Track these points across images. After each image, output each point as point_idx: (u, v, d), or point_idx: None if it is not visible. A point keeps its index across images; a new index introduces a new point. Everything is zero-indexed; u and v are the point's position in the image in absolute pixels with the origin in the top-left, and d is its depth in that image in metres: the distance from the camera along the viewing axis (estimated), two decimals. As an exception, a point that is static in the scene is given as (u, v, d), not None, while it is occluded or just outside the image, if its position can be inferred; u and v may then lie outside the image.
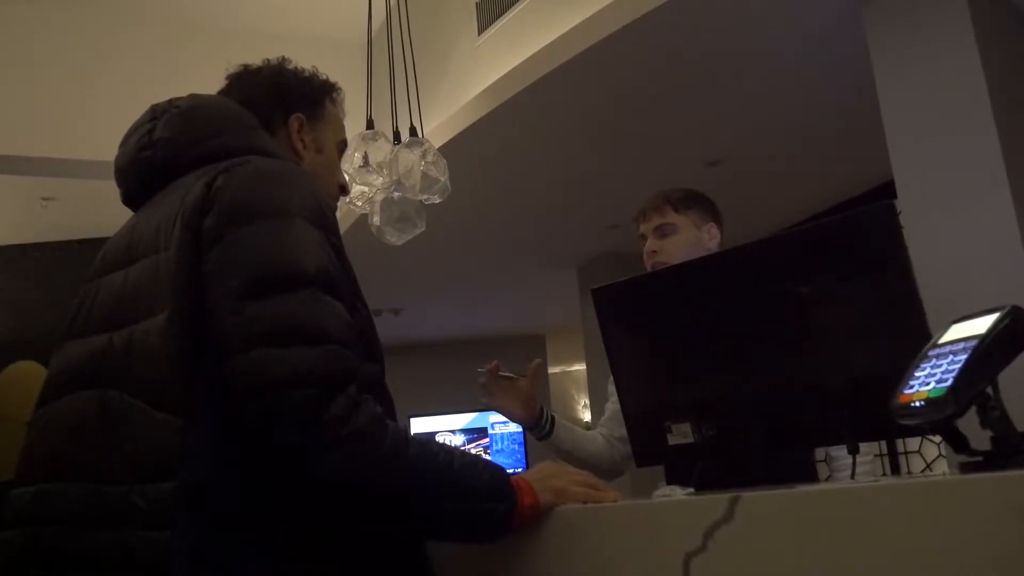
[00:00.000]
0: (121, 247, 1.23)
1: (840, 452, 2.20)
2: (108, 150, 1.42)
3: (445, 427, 9.50)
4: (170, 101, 1.30)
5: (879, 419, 1.38)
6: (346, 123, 1.50)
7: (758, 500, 0.96)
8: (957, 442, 0.99)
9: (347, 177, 3.01)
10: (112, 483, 1.06)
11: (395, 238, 3.34)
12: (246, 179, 1.13)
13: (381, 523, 1.07)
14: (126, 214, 1.33)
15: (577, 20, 4.01)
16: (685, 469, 1.75)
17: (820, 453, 2.20)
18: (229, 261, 1.07)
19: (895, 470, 5.29)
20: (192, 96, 1.31)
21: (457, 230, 5.85)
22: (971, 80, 2.94)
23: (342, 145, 1.47)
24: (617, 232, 6.19)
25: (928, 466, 5.08)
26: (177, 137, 1.25)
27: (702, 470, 1.62)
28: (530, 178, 5.35)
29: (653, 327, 1.66)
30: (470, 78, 4.77)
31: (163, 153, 1.25)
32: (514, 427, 9.85)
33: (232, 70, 1.42)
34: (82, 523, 1.08)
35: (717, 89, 4.33)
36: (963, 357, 0.95)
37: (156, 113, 1.29)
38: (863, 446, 2.06)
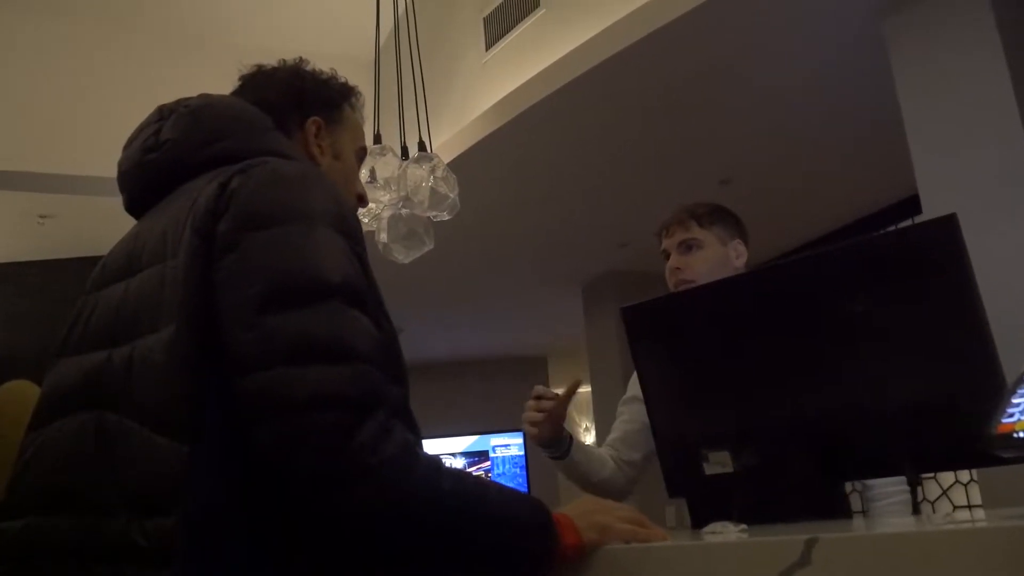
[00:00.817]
0: (122, 257, 1.12)
1: (874, 480, 2.09)
2: (107, 166, 1.33)
3: (446, 450, 9.36)
4: (179, 101, 1.20)
5: (944, 448, 1.30)
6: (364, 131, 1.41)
7: (838, 542, 0.85)
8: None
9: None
10: (109, 516, 0.95)
11: (403, 256, 3.24)
12: (264, 181, 1.03)
13: (409, 564, 0.95)
14: (125, 230, 1.22)
15: (587, 36, 3.94)
16: (711, 500, 1.64)
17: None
18: (245, 269, 0.96)
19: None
20: (203, 96, 1.21)
21: (460, 248, 5.75)
22: (999, 92, 2.86)
23: (361, 153, 1.37)
24: (625, 251, 6.10)
25: (944, 493, 4.96)
26: (186, 138, 1.15)
27: (728, 502, 1.51)
28: (537, 196, 5.26)
29: (689, 349, 1.56)
30: (477, 94, 4.70)
31: (170, 155, 1.15)
32: (516, 450, 9.73)
33: (245, 70, 1.33)
34: (75, 561, 0.97)
35: (730, 106, 4.25)
36: (1070, 382, 0.85)
37: (163, 113, 1.19)
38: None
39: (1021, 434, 0.84)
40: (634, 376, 2.17)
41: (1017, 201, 2.81)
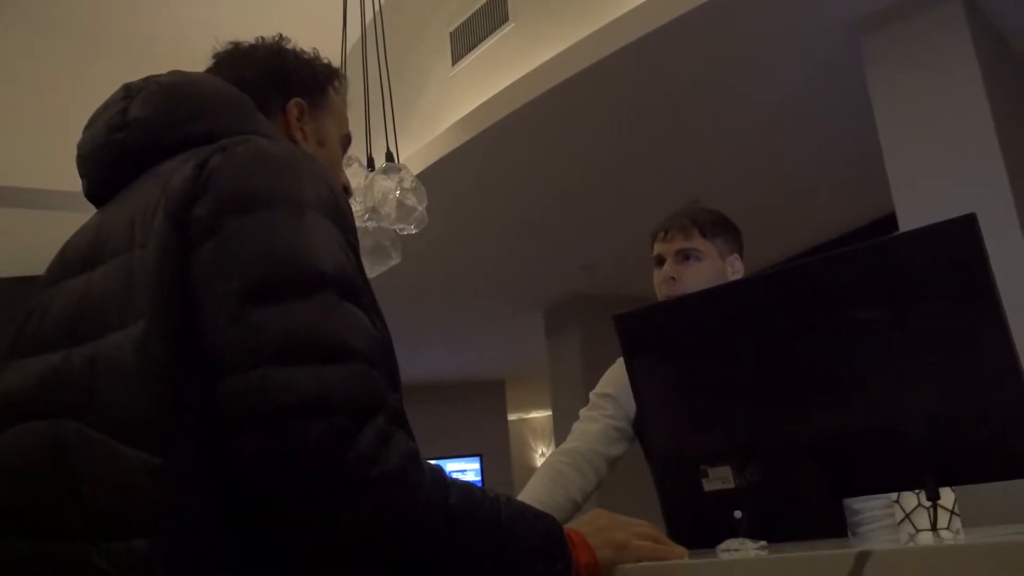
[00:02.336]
0: (83, 247, 1.01)
1: (863, 504, 2.02)
2: (61, 179, 1.20)
3: (401, 476, 9.20)
4: (147, 78, 1.09)
5: (965, 461, 1.23)
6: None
7: (893, 557, 0.78)
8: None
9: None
10: (69, 540, 0.83)
11: (368, 270, 3.10)
12: (248, 160, 0.93)
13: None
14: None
15: (553, 52, 3.89)
16: (709, 518, 1.56)
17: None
18: (227, 258, 0.86)
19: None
20: (174, 71, 1.10)
21: (420, 268, 5.64)
22: (975, 110, 2.86)
23: (346, 140, 1.27)
24: (589, 273, 6.04)
25: (907, 516, 4.93)
26: (157, 117, 1.04)
27: (725, 519, 1.43)
28: (500, 214, 5.19)
29: (688, 358, 1.47)
30: (442, 110, 4.63)
31: (139, 135, 1.04)
32: (472, 476, 9.60)
33: (220, 48, 1.21)
34: None
35: (699, 124, 4.23)
36: None
37: (131, 90, 1.08)
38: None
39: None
40: (610, 372, 2.07)
41: (995, 219, 2.79)
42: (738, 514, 1.39)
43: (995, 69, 3.00)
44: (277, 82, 1.17)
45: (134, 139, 1.04)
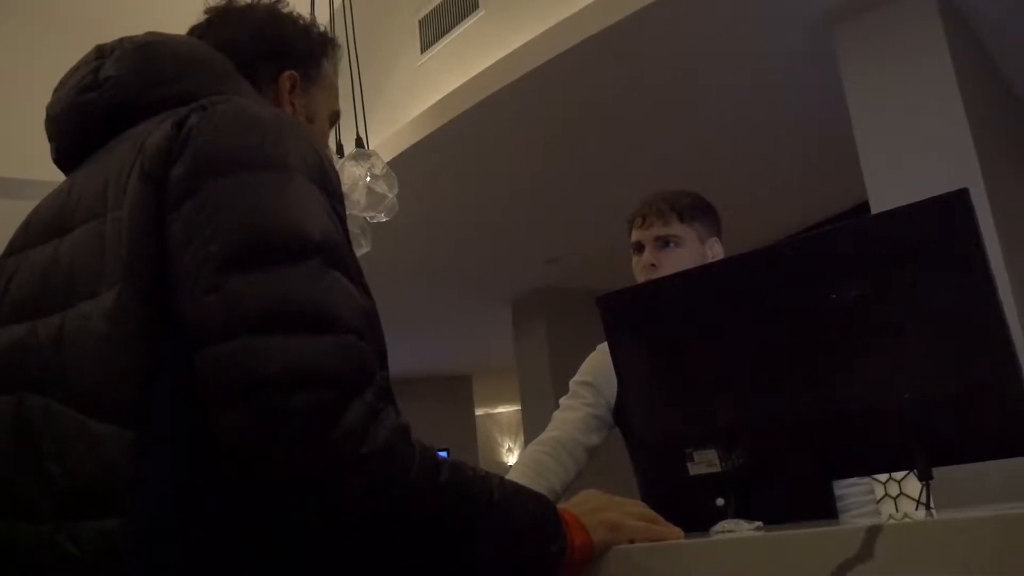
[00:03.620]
0: (51, 214, 0.95)
1: (846, 489, 2.01)
2: (30, 168, 1.13)
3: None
4: (122, 38, 1.03)
5: (957, 441, 1.21)
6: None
7: (903, 531, 0.76)
8: None
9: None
10: (32, 521, 0.79)
11: (337, 258, 3.07)
12: (229, 119, 0.88)
13: (402, 570, 0.81)
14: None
15: (524, 40, 3.85)
16: (693, 502, 1.53)
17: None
18: (205, 221, 0.81)
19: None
20: (150, 32, 1.04)
21: (382, 258, 5.57)
22: (947, 100, 2.88)
23: (335, 116, 1.21)
24: (554, 266, 6.01)
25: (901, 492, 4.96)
26: (131, 77, 0.98)
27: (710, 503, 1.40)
28: (466, 206, 5.15)
29: (673, 339, 1.44)
30: (410, 99, 4.57)
31: (112, 95, 0.98)
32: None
33: (212, 3, 1.15)
34: None
35: (670, 115, 4.21)
36: None
37: (103, 51, 1.02)
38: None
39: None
40: (590, 360, 2.04)
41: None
42: (720, 501, 1.36)
43: (967, 60, 3.02)
44: (272, 50, 1.11)
45: (107, 99, 0.98)
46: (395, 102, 4.70)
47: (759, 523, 1.06)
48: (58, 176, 1.06)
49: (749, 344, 1.34)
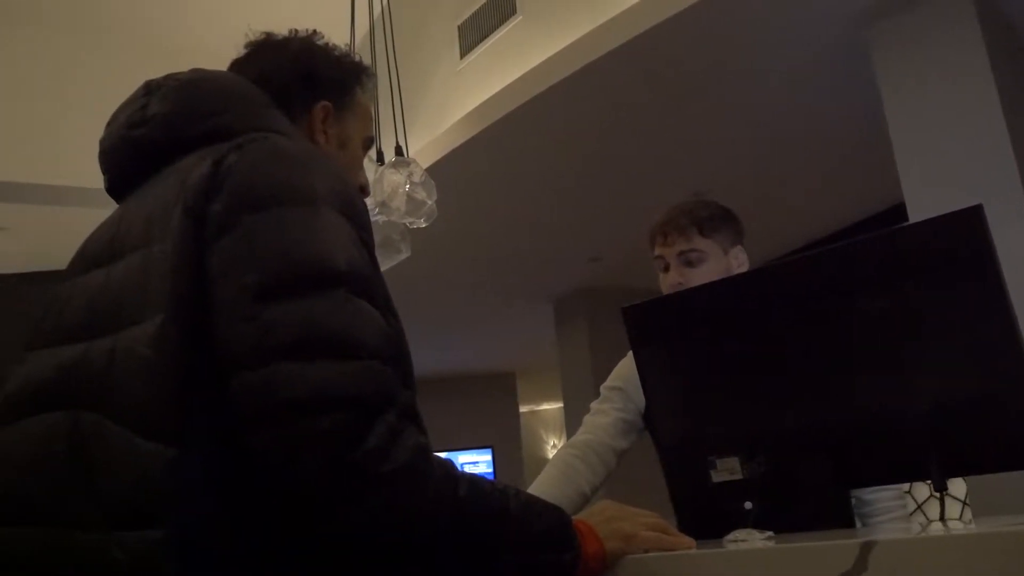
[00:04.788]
0: (103, 241, 1.03)
1: (874, 495, 2.03)
2: (67, 174, 1.21)
3: (412, 468, 9.23)
4: (168, 75, 1.10)
5: (972, 451, 1.24)
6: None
7: (896, 546, 0.79)
8: None
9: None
10: (83, 529, 0.85)
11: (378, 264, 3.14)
12: (263, 157, 0.94)
13: (422, 578, 0.86)
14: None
15: (562, 44, 3.89)
16: (718, 509, 1.57)
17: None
18: (241, 254, 0.87)
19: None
20: (194, 69, 1.11)
21: (429, 261, 5.66)
22: (984, 99, 2.85)
23: (368, 142, 1.27)
24: (596, 265, 6.05)
25: (919, 507, 4.92)
26: (175, 113, 1.06)
27: (734, 510, 1.44)
28: (508, 208, 5.20)
29: (695, 350, 1.48)
30: (451, 104, 4.63)
31: (158, 131, 1.06)
32: (484, 467, 9.63)
33: (253, 37, 1.22)
34: None
35: (707, 115, 4.22)
36: None
37: (151, 87, 1.10)
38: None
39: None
40: (621, 366, 2.07)
41: (1003, 207, 2.79)
42: (749, 505, 1.40)
43: (1004, 56, 2.99)
44: (306, 82, 1.18)
45: (153, 135, 1.06)
46: (436, 106, 4.77)
47: (769, 533, 1.09)
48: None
49: (771, 355, 1.37)
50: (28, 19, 5.10)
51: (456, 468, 0.88)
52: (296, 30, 1.24)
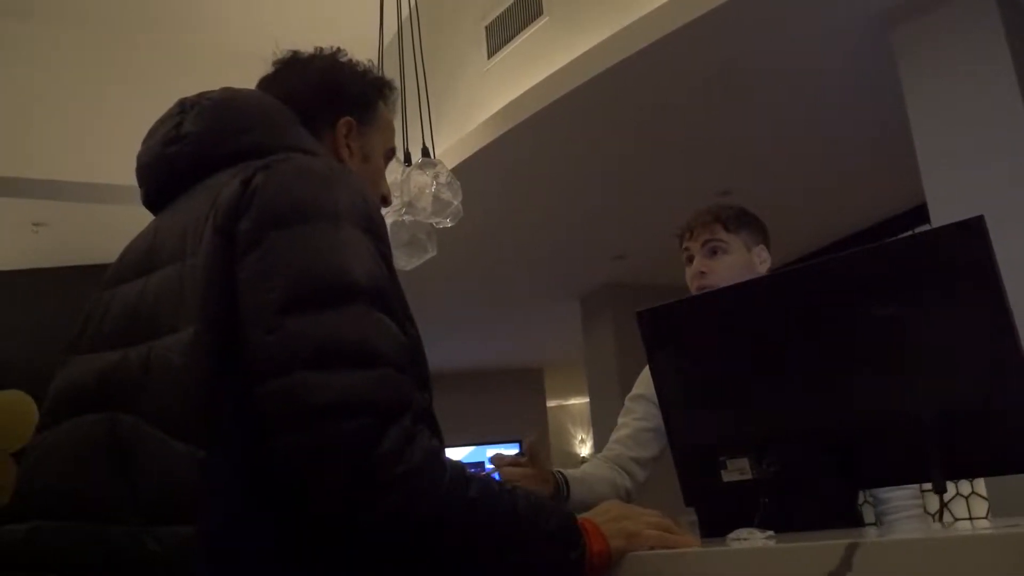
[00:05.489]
0: (140, 252, 1.09)
1: (890, 493, 2.06)
2: (103, 172, 1.29)
3: (441, 461, 9.32)
4: (201, 94, 1.17)
5: (973, 454, 1.27)
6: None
7: (879, 548, 0.83)
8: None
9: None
10: (121, 523, 0.91)
11: (405, 263, 3.20)
12: (288, 177, 1.00)
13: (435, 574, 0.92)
14: (122, 239, 1.19)
15: (588, 45, 3.93)
16: (729, 509, 1.61)
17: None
18: (267, 269, 0.93)
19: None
20: (225, 88, 1.18)
21: (458, 259, 5.72)
22: (1007, 101, 2.86)
23: (390, 153, 1.33)
24: (622, 263, 6.08)
25: (944, 505, 4.92)
26: (208, 132, 1.13)
27: (746, 510, 1.48)
28: (535, 206, 5.25)
29: (707, 353, 1.53)
30: (478, 104, 4.68)
31: (192, 149, 1.12)
32: (512, 461, 9.67)
33: (280, 55, 1.28)
34: (83, 568, 0.93)
35: (731, 116, 4.24)
36: None
37: (185, 106, 1.16)
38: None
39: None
40: (644, 373, 2.13)
41: (1025, 209, 2.80)
42: (766, 500, 1.45)
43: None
44: (329, 99, 1.24)
45: (187, 152, 1.13)
46: (464, 106, 4.82)
47: (771, 532, 1.14)
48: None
49: (780, 358, 1.41)
50: (69, 21, 5.22)
51: (467, 470, 0.94)
52: (321, 48, 1.30)
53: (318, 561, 0.90)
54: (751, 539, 1.12)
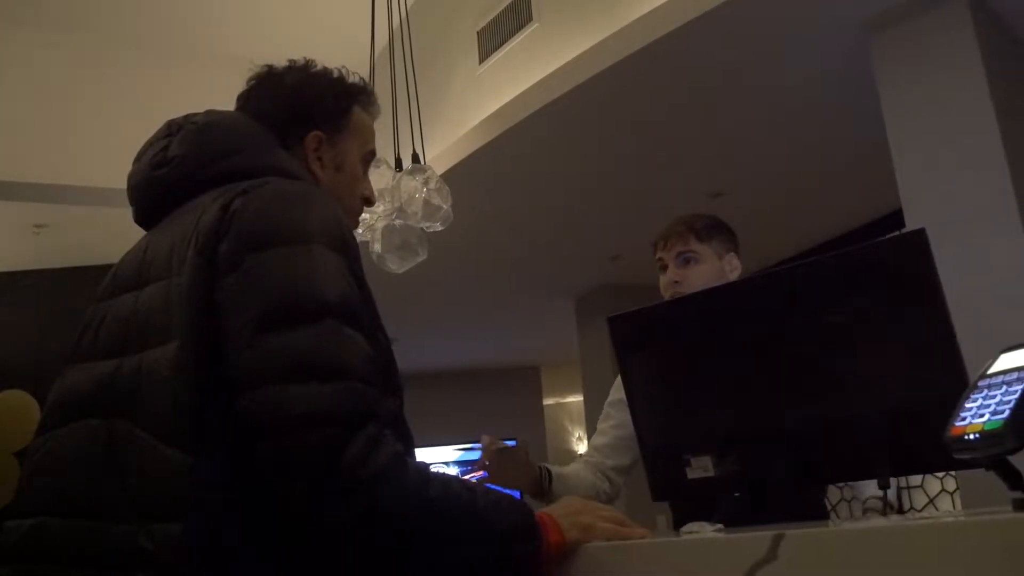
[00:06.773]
0: (132, 267, 1.17)
1: (859, 489, 2.15)
2: (103, 176, 1.37)
3: (439, 458, 9.39)
4: (186, 117, 1.25)
5: (917, 452, 1.35)
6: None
7: (803, 538, 0.90)
8: (1011, 478, 0.93)
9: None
10: (117, 521, 0.99)
11: (396, 266, 3.29)
12: (265, 202, 1.08)
13: (402, 569, 1.00)
14: (121, 241, 1.27)
15: (579, 51, 3.99)
16: (693, 505, 1.69)
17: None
18: (245, 290, 1.01)
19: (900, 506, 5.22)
20: (208, 112, 1.26)
21: (454, 260, 5.80)
22: (980, 110, 2.93)
23: (370, 156, 1.38)
24: (616, 263, 6.15)
25: (931, 501, 5.01)
26: (193, 155, 1.20)
27: (712, 507, 1.56)
28: (530, 208, 5.31)
29: (673, 357, 1.61)
30: (470, 107, 4.75)
31: (178, 171, 1.21)
32: (509, 459, 9.74)
33: (255, 70, 1.34)
34: (82, 562, 1.01)
35: (720, 120, 4.31)
36: (1020, 388, 0.90)
37: (172, 129, 1.25)
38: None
39: (971, 437, 0.88)
40: (619, 379, 2.21)
41: (997, 216, 2.87)
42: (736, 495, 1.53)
43: (1000, 65, 3.05)
44: (299, 116, 1.29)
45: (174, 175, 1.21)
46: (456, 110, 4.89)
47: (720, 525, 1.22)
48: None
49: (742, 362, 1.49)
50: (71, 25, 5.28)
51: (430, 472, 1.02)
52: (294, 60, 1.35)
53: (295, 560, 0.97)
54: (701, 532, 1.21)
